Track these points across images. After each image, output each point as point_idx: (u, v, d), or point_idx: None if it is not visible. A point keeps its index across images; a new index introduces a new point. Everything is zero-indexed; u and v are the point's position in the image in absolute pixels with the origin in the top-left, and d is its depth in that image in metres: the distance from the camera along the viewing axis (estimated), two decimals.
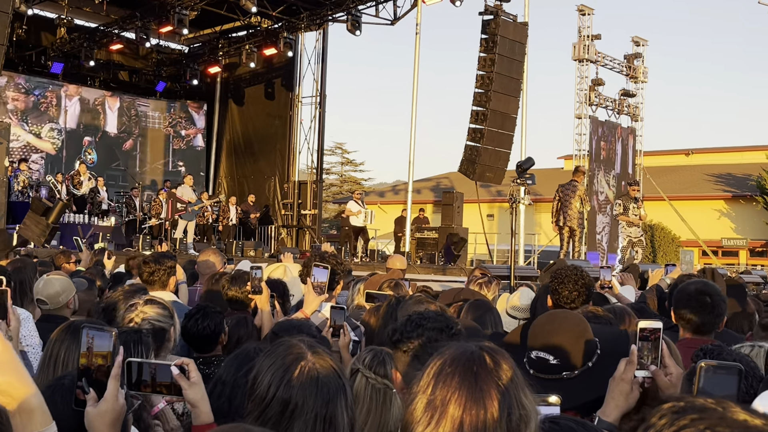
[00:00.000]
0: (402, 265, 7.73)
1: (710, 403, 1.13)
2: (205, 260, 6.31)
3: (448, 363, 1.55)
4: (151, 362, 2.22)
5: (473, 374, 1.52)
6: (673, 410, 1.15)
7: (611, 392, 2.35)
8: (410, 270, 16.42)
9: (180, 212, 18.78)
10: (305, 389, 1.91)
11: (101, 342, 2.00)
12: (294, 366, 1.94)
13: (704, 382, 2.04)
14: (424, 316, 2.40)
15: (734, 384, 2.04)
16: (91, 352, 2.00)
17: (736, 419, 1.10)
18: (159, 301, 3.43)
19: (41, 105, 24.08)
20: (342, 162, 56.72)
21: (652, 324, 2.35)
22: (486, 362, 1.54)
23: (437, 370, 1.55)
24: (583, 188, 16.11)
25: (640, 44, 28.69)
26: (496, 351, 1.58)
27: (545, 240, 31.33)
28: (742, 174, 40.79)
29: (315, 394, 1.91)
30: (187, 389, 2.17)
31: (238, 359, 2.58)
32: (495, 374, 1.52)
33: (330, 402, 1.91)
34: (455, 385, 1.51)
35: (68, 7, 22.76)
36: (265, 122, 26.04)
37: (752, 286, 12.71)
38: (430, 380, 1.54)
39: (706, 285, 3.65)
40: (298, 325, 3.33)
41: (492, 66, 20.37)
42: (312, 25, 23.98)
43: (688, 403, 1.15)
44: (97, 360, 2.00)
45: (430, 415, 1.51)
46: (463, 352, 1.57)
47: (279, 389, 1.92)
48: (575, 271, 4.09)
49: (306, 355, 1.97)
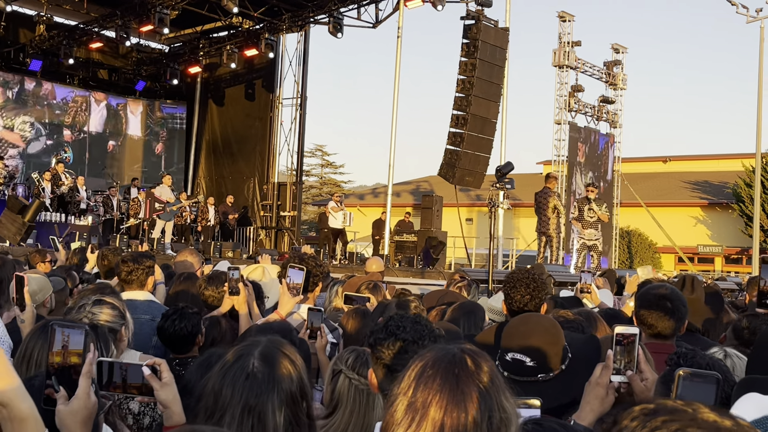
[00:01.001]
0: (379, 267, 7.75)
1: (681, 405, 1.15)
2: (182, 260, 6.28)
3: (430, 365, 1.55)
4: (122, 363, 2.20)
5: (454, 376, 1.51)
6: (645, 412, 1.16)
7: (587, 396, 2.37)
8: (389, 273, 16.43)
9: (158, 212, 18.68)
10: (235, 382, 1.94)
11: (75, 339, 1.99)
12: (236, 362, 1.97)
13: (682, 390, 2.06)
14: (399, 325, 2.39)
15: (712, 392, 2.06)
16: (66, 350, 1.99)
17: (706, 420, 1.11)
18: (108, 300, 3.39)
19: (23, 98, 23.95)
20: (322, 164, 56.71)
21: (629, 329, 2.37)
22: (467, 365, 1.54)
23: (418, 372, 1.55)
24: (555, 195, 16.25)
25: (620, 51, 28.91)
26: (477, 353, 1.58)
27: (524, 244, 31.47)
28: (719, 181, 41.20)
29: (244, 387, 1.93)
30: (158, 390, 2.16)
31: (202, 366, 2.58)
32: (476, 377, 1.52)
33: (259, 397, 1.92)
34: (436, 388, 1.50)
35: (48, 4, 22.59)
36: (245, 123, 25.96)
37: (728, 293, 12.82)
38: (411, 382, 1.54)
39: (666, 290, 3.68)
40: (278, 329, 3.32)
41: (473, 70, 20.43)
42: (293, 26, 23.94)
43: (659, 404, 1.16)
44: (70, 358, 1.98)
45: (410, 417, 1.50)
46: (445, 354, 1.57)
47: (214, 382, 1.97)
48: (527, 275, 4.12)
49: (254, 352, 1.99)
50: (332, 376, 2.79)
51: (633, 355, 2.34)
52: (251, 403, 1.94)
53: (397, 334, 2.35)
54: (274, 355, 2.03)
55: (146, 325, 4.27)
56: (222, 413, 1.93)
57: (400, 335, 2.35)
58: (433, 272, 18.93)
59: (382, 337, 2.35)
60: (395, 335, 2.35)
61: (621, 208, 30.83)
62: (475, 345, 2.79)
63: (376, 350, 2.33)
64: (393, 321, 2.41)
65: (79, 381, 1.97)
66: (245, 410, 1.93)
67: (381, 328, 2.38)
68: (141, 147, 27.14)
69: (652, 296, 3.64)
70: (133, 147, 27.00)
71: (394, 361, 2.27)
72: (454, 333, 3.65)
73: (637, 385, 2.31)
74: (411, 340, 2.32)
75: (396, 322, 2.40)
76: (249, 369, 1.98)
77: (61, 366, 1.99)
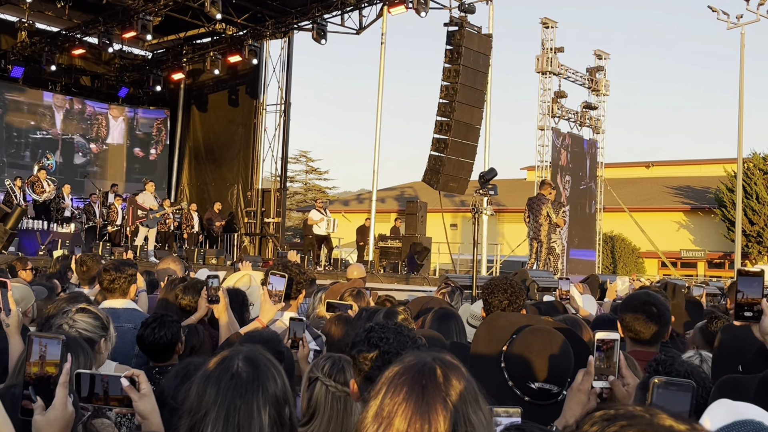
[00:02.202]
0: (361, 274, 7.75)
1: (639, 410, 1.18)
2: (165, 268, 6.25)
3: (399, 373, 1.55)
4: (102, 374, 2.19)
5: (421, 387, 1.51)
6: (604, 417, 1.19)
7: (569, 402, 2.36)
8: (373, 279, 16.44)
9: (141, 219, 18.59)
10: (219, 382, 1.94)
11: (52, 350, 1.99)
12: (220, 364, 1.98)
13: (656, 398, 2.06)
14: (382, 337, 2.36)
15: (687, 400, 2.06)
16: (43, 360, 1.98)
17: (662, 425, 1.15)
18: (93, 310, 3.37)
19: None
20: (306, 170, 56.64)
21: (609, 335, 2.38)
22: (436, 376, 1.53)
23: (389, 379, 1.56)
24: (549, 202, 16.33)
25: (603, 58, 29.09)
26: (450, 365, 1.57)
27: (508, 250, 31.56)
28: (701, 187, 41.48)
29: (229, 386, 1.94)
30: (137, 401, 2.15)
31: (179, 376, 2.57)
32: (443, 389, 1.51)
33: (245, 395, 1.93)
34: (402, 397, 1.50)
35: (30, 10, 22.44)
36: (229, 129, 25.90)
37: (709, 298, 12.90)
38: (381, 388, 1.55)
39: (651, 296, 3.70)
40: (267, 338, 3.30)
41: (456, 77, 20.50)
42: (277, 32, 23.92)
43: (618, 410, 1.19)
44: (47, 368, 1.98)
45: (377, 425, 1.51)
46: (416, 363, 1.57)
47: (197, 384, 1.98)
48: (504, 281, 4.12)
49: (238, 356, 2.00)
50: (309, 383, 2.78)
51: (614, 361, 2.34)
52: (236, 403, 1.94)
53: (380, 346, 2.33)
54: (258, 358, 2.03)
55: (128, 334, 4.24)
56: (206, 412, 1.93)
57: (383, 347, 2.32)
58: (418, 278, 18.95)
59: (364, 348, 2.33)
60: (377, 347, 2.33)
61: (604, 213, 30.99)
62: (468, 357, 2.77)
63: (358, 362, 2.32)
64: (375, 332, 2.38)
65: (56, 391, 1.97)
66: (230, 409, 1.93)
67: (363, 339, 2.35)
68: (123, 154, 26.99)
69: (637, 302, 3.66)
70: (114, 154, 26.85)
71: (375, 373, 2.23)
72: (438, 341, 3.64)
73: (618, 390, 2.32)
74: (394, 352, 2.29)
75: (378, 333, 2.37)
76: (234, 370, 1.98)
77: (39, 376, 1.98)
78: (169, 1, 20.03)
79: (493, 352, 2.91)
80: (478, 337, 3.04)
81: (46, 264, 11.76)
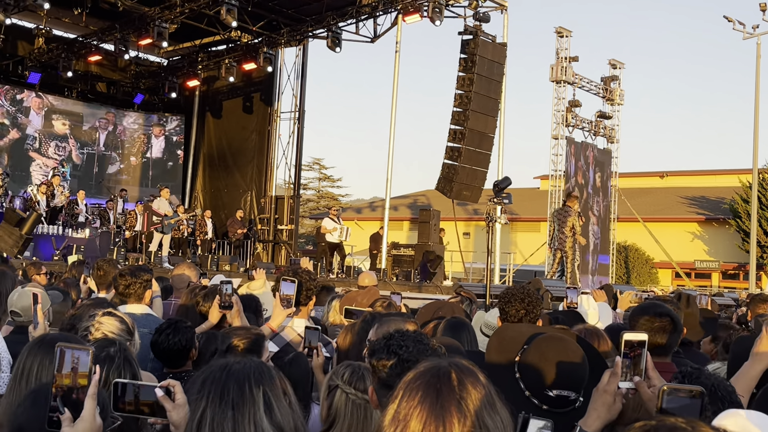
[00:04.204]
0: (372, 282, 7.74)
1: (680, 422, 1.17)
2: (180, 274, 6.27)
3: (415, 378, 1.58)
4: (135, 383, 2.21)
5: (436, 391, 1.54)
6: (646, 428, 1.18)
7: (594, 403, 2.36)
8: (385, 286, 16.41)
9: (156, 225, 18.66)
10: (210, 394, 1.96)
11: (83, 362, 1.98)
12: (216, 373, 2.00)
13: (666, 404, 2.05)
14: (402, 344, 2.35)
15: (697, 407, 2.05)
16: (76, 372, 1.97)
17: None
18: (118, 314, 3.39)
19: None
20: (320, 177, 56.74)
21: (637, 336, 2.36)
22: (451, 380, 1.56)
23: (406, 383, 1.59)
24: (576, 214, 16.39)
25: (617, 67, 29.01)
26: (465, 369, 1.60)
27: (521, 259, 31.50)
28: (716, 197, 41.27)
29: (220, 398, 1.95)
30: (171, 411, 2.16)
31: None
32: (458, 392, 1.54)
33: (236, 408, 1.94)
34: (418, 401, 1.53)
35: (47, 17, 22.62)
36: (243, 136, 25.99)
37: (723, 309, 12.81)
38: (398, 392, 1.58)
39: (663, 307, 3.68)
40: None
41: (470, 85, 20.50)
42: (292, 40, 24.02)
43: (659, 422, 1.18)
44: (79, 380, 1.97)
45: (393, 428, 1.53)
46: (431, 368, 1.59)
47: (192, 394, 2.00)
48: (521, 290, 4.11)
49: (233, 364, 2.02)
50: (328, 391, 2.78)
51: (640, 363, 2.33)
52: (229, 414, 1.95)
53: (399, 354, 2.32)
54: (261, 369, 2.06)
55: (144, 339, 4.25)
56: (200, 425, 1.95)
57: (402, 354, 2.32)
58: (431, 286, 18.91)
59: (383, 356, 2.33)
60: (396, 354, 2.32)
61: (618, 223, 30.87)
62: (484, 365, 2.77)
63: (377, 369, 2.32)
64: (395, 340, 2.38)
65: (85, 402, 1.97)
66: (227, 421, 1.94)
67: (382, 347, 2.35)
68: (139, 160, 27.12)
69: (647, 312, 3.64)
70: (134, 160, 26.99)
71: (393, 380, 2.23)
72: (456, 349, 3.63)
73: (644, 391, 2.30)
74: (413, 360, 2.27)
75: (398, 341, 2.36)
76: (223, 382, 2.00)
77: (69, 388, 1.97)
78: (185, 9, 20.16)
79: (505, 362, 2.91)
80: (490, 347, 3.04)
81: (61, 269, 11.82)
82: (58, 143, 24.98)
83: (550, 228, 16.30)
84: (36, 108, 24.42)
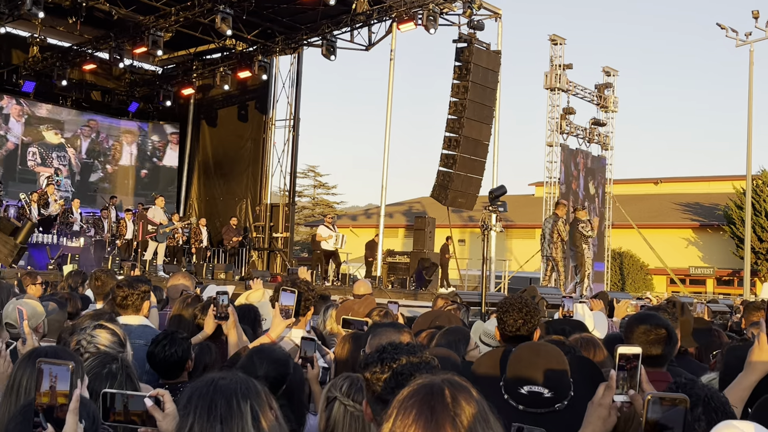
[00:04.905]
0: (367, 290, 7.74)
1: None
2: (175, 284, 6.26)
3: (409, 396, 1.59)
4: (125, 393, 2.21)
5: (430, 408, 1.55)
6: None
7: (589, 417, 2.37)
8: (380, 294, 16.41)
9: (151, 234, 18.64)
10: (198, 408, 1.96)
11: (62, 379, 1.99)
12: (202, 389, 2.00)
13: (651, 414, 2.07)
14: (395, 357, 2.32)
15: (680, 415, 2.07)
16: (54, 390, 1.98)
17: None
18: (110, 327, 3.39)
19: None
20: (315, 185, 56.69)
21: (631, 349, 2.37)
22: (445, 397, 1.57)
23: (400, 402, 1.60)
24: (561, 220, 16.44)
25: (611, 74, 29.10)
26: (458, 385, 1.61)
27: (516, 266, 31.52)
28: (710, 203, 41.35)
29: (208, 412, 1.95)
30: (161, 420, 2.17)
31: None
32: (452, 409, 1.55)
33: (224, 422, 1.95)
34: (412, 419, 1.54)
35: (41, 26, 22.62)
36: (238, 144, 26.00)
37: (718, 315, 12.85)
38: (393, 410, 1.59)
39: (658, 318, 3.68)
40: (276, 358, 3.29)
41: (465, 93, 20.55)
42: (287, 48, 24.06)
43: None
44: (57, 398, 1.98)
45: None
46: (425, 385, 1.61)
47: (179, 410, 2.02)
48: (519, 300, 4.11)
49: (219, 379, 2.02)
50: (327, 403, 2.78)
51: (635, 376, 2.34)
52: (216, 429, 1.96)
53: (393, 367, 2.32)
54: (248, 385, 2.06)
55: (140, 350, 4.25)
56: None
57: (396, 368, 2.31)
58: (426, 294, 18.92)
59: (376, 369, 2.32)
60: (390, 368, 2.32)
61: (612, 230, 30.91)
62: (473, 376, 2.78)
63: (371, 382, 2.32)
64: (388, 352, 2.37)
65: (67, 418, 1.98)
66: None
67: (376, 360, 2.35)
68: (132, 168, 27.08)
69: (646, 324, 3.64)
70: (123, 168, 26.93)
71: (387, 393, 2.22)
72: (451, 361, 3.63)
73: (639, 404, 2.32)
74: (407, 373, 2.27)
75: (391, 354, 2.36)
76: (209, 397, 2.00)
77: (50, 405, 1.98)
78: (180, 18, 20.18)
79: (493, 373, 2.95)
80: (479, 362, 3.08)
81: (56, 278, 11.79)
82: (57, 153, 24.95)
83: (541, 238, 16.39)
84: (16, 116, 24.28)
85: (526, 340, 3.78)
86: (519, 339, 3.86)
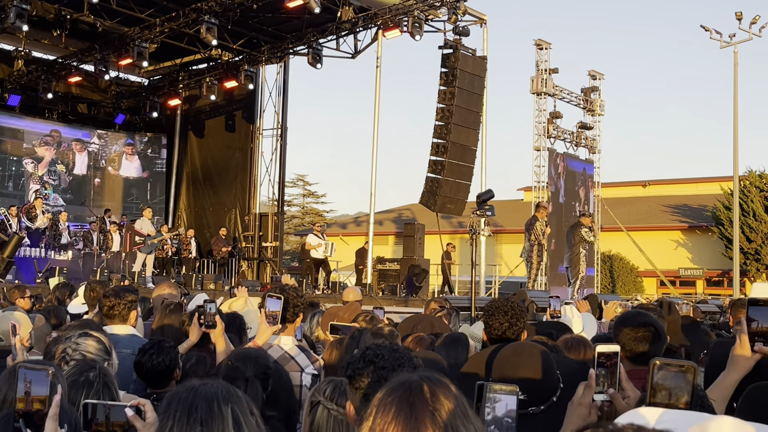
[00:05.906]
0: (357, 297, 7.73)
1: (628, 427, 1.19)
2: (160, 293, 6.24)
3: (388, 393, 1.59)
4: (106, 403, 2.20)
5: (409, 405, 1.55)
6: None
7: (569, 416, 2.37)
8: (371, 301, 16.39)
9: (138, 245, 18.58)
10: (177, 413, 1.95)
11: (39, 385, 1.98)
12: (182, 394, 1.99)
13: (657, 379, 2.05)
14: (377, 353, 2.38)
15: (689, 381, 2.05)
16: (29, 396, 1.97)
17: None
18: (95, 335, 3.38)
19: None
20: (304, 194, 56.70)
21: (610, 348, 2.37)
22: (424, 393, 1.57)
23: (379, 400, 1.59)
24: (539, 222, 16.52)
25: (597, 78, 29.21)
26: (437, 381, 1.61)
27: (506, 271, 31.53)
28: (698, 205, 41.52)
29: (188, 416, 1.94)
30: (141, 430, 2.15)
31: None
32: (430, 404, 1.55)
33: (204, 425, 1.93)
34: (392, 416, 1.54)
35: (26, 39, 22.56)
36: (226, 154, 25.96)
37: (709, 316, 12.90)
38: (372, 409, 1.59)
39: (646, 316, 3.69)
40: (254, 356, 3.30)
41: (452, 99, 20.58)
42: (273, 57, 24.06)
43: (606, 427, 1.20)
44: (33, 404, 1.97)
45: None
46: (403, 382, 1.61)
47: (159, 415, 2.00)
48: (505, 303, 4.12)
49: (200, 385, 2.01)
50: (311, 407, 2.77)
51: (615, 375, 2.34)
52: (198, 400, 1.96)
53: (375, 362, 2.34)
54: (230, 390, 2.05)
55: (127, 360, 4.23)
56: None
57: (378, 363, 2.34)
58: (417, 300, 18.90)
59: (360, 366, 2.34)
60: (373, 363, 2.34)
61: (602, 233, 30.95)
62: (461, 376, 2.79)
63: (355, 380, 2.33)
64: (371, 350, 2.40)
65: (46, 424, 1.96)
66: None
67: (358, 359, 2.38)
68: (120, 180, 27.00)
69: (631, 321, 3.65)
70: (112, 180, 26.86)
71: (372, 390, 2.25)
72: (434, 362, 3.63)
73: (619, 403, 2.32)
74: (389, 368, 2.31)
75: (374, 351, 2.39)
76: (190, 401, 1.98)
77: (29, 411, 1.97)
78: (165, 28, 20.17)
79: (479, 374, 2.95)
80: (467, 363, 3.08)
81: (44, 292, 11.73)
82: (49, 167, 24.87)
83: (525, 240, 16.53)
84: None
85: None
86: (505, 342, 3.86)
